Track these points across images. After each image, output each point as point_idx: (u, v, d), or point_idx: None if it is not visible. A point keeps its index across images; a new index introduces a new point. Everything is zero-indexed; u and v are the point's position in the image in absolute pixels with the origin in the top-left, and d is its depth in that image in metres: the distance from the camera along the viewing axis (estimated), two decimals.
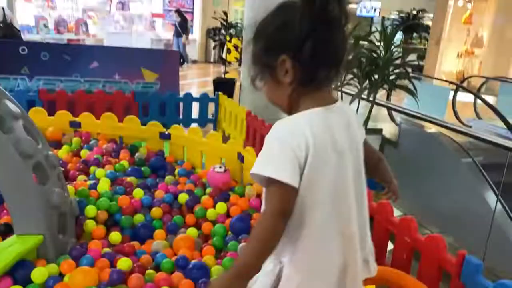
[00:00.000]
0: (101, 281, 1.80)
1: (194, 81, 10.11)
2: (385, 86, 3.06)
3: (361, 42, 3.12)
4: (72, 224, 2.13)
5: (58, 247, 1.94)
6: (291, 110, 0.90)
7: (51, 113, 3.38)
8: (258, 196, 2.57)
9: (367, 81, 3.01)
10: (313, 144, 0.84)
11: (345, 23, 0.83)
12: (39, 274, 1.75)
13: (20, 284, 1.71)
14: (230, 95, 5.22)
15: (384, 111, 6.20)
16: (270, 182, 0.82)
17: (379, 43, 2.98)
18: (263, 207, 0.88)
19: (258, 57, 0.88)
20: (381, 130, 5.32)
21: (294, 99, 0.88)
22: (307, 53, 0.82)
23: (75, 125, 3.36)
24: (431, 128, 4.72)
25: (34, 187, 1.86)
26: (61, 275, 1.82)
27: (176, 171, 2.99)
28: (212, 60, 13.48)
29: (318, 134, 0.85)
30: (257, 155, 0.94)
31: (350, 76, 3.17)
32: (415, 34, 15.10)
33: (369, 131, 4.67)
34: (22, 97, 4.00)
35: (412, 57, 10.74)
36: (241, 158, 2.90)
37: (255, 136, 3.87)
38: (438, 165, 4.51)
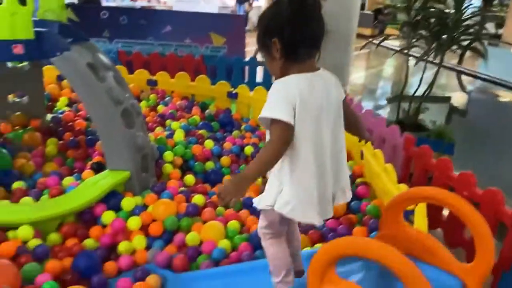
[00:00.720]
0: (179, 212, 2.06)
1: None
2: (454, 47, 3.02)
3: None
4: (153, 166, 2.40)
5: (141, 183, 2.23)
6: (283, 77, 1.17)
7: (129, 73, 3.69)
8: None
9: (435, 43, 2.99)
10: (299, 95, 1.11)
11: (319, 10, 1.12)
12: (127, 203, 2.04)
13: (112, 210, 2.01)
14: None
15: (453, 81, 6.01)
16: (274, 121, 1.11)
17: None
18: (267, 139, 1.17)
19: (260, 39, 1.18)
20: (449, 98, 5.21)
21: (285, 69, 1.16)
22: (288, 37, 1.12)
23: (152, 83, 3.66)
24: (505, 98, 4.56)
25: (123, 130, 2.14)
26: (144, 206, 2.09)
27: (242, 127, 3.20)
28: None
29: (303, 89, 1.13)
30: None
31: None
32: (496, 1, 14.06)
33: (437, 99, 4.61)
34: None
35: (490, 26, 10.09)
36: None
37: None
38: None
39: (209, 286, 1.62)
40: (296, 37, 1.12)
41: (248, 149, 2.77)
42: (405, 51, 3.29)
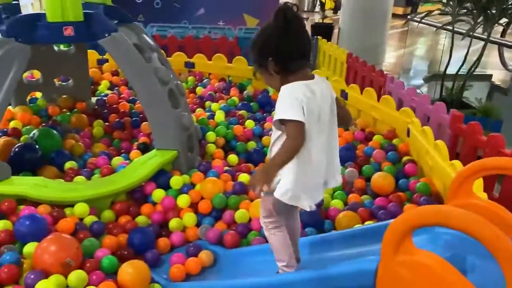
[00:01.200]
0: (226, 191, 2.08)
1: None
2: (503, 20, 2.88)
3: None
4: (197, 145, 2.43)
5: (188, 162, 2.26)
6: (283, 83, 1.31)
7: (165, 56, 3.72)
8: (362, 130, 2.68)
9: (482, 16, 2.87)
10: (305, 98, 1.26)
11: (303, 26, 1.28)
12: (176, 181, 2.07)
13: (161, 188, 2.05)
14: (327, 40, 5.24)
15: (494, 58, 5.80)
16: (290, 122, 1.25)
17: None
18: (274, 138, 1.34)
19: (256, 61, 1.32)
20: (490, 76, 5.03)
21: (284, 81, 1.30)
22: (281, 54, 1.27)
23: (189, 65, 3.68)
24: None
25: (170, 109, 2.17)
26: (192, 185, 2.12)
27: None
28: (305, 8, 13.34)
29: (305, 94, 1.27)
30: None
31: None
32: None
33: (477, 77, 4.45)
34: None
35: None
36: (344, 95, 3.00)
37: (356, 78, 3.92)
38: None
39: (261, 261, 1.64)
40: (287, 53, 1.27)
41: None
42: (450, 26, 3.18)
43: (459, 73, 3.32)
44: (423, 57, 7.86)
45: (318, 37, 4.81)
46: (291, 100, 1.24)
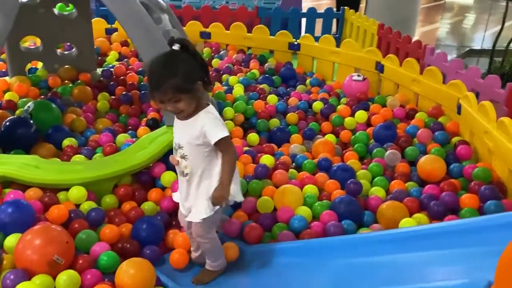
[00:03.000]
0: (246, 174, 1.79)
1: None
2: None
3: None
4: None
5: None
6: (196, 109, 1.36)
7: None
8: (402, 106, 2.35)
9: None
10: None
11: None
12: None
13: (172, 170, 1.76)
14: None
15: None
16: (227, 137, 1.33)
17: None
18: (225, 154, 1.36)
19: (180, 89, 1.28)
20: None
21: (199, 103, 1.34)
22: (206, 75, 1.35)
23: (205, 35, 3.36)
24: None
25: None
26: None
27: (307, 81, 2.86)
28: None
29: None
30: None
31: None
32: None
33: None
34: None
35: None
36: (380, 67, 2.66)
37: (388, 50, 3.55)
38: None
39: (287, 263, 1.35)
40: (207, 74, 1.36)
41: (317, 105, 2.45)
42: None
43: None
44: (456, 32, 7.39)
45: (345, 7, 4.42)
46: (219, 118, 1.35)
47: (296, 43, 3.13)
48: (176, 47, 1.30)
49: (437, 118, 2.17)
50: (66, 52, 2.56)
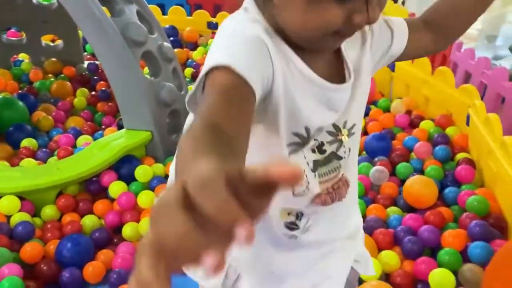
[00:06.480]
0: None
1: None
2: None
3: None
4: None
5: (168, 146, 1.78)
6: None
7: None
8: (409, 112, 2.03)
9: None
10: None
11: None
12: (143, 172, 1.61)
13: (124, 180, 1.60)
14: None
15: None
16: None
17: None
18: None
19: None
20: None
21: None
22: None
23: (212, 26, 3.16)
24: None
25: (141, 78, 1.68)
26: (166, 177, 1.65)
27: None
28: None
29: None
30: None
31: None
32: None
33: None
34: (171, 0, 3.97)
35: None
36: (391, 66, 2.34)
37: None
38: None
39: None
40: None
41: None
42: None
43: None
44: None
45: None
46: None
47: None
48: None
49: (444, 128, 1.84)
50: (52, 44, 2.46)
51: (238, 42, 0.54)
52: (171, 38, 2.85)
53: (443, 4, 0.71)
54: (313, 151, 0.63)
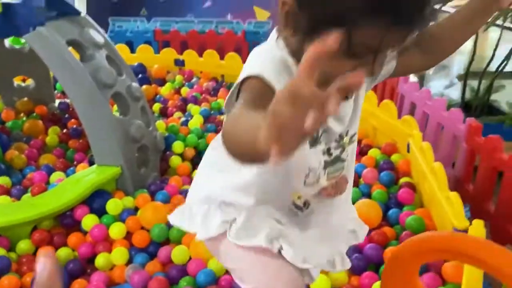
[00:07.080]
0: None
1: None
2: None
3: None
4: (156, 159, 2.08)
5: (138, 180, 1.91)
6: None
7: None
8: (359, 142, 2.23)
9: None
10: None
11: None
12: (114, 205, 1.72)
13: (96, 214, 1.70)
14: None
15: None
16: None
17: None
18: None
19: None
20: None
21: None
22: None
23: (179, 63, 3.33)
24: None
25: (111, 117, 1.82)
26: (136, 210, 1.77)
27: None
28: None
29: None
30: None
31: None
32: None
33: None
34: (139, 38, 4.15)
35: None
36: None
37: None
38: None
39: None
40: None
41: None
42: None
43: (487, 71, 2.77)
44: (469, 52, 7.11)
45: None
46: None
47: None
48: None
49: (389, 155, 2.04)
50: (23, 84, 2.56)
51: (267, 61, 0.73)
52: (140, 75, 3.00)
53: (433, 26, 0.77)
54: (324, 153, 0.81)
